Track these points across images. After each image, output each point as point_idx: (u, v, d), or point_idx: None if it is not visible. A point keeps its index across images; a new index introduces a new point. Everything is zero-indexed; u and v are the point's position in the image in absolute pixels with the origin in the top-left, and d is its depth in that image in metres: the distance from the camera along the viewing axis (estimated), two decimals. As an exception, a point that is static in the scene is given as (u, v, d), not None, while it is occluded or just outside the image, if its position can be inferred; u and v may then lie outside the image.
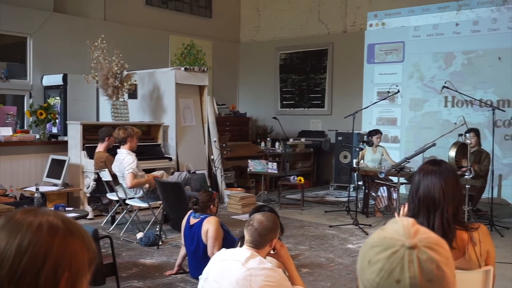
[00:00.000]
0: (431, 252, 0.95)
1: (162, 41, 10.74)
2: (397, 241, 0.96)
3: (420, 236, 0.97)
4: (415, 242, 0.95)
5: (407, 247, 0.95)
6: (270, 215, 2.99)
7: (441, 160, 2.44)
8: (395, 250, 0.95)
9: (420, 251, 0.95)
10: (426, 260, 0.94)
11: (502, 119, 8.62)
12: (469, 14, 9.13)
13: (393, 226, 1.00)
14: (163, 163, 7.84)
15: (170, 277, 4.68)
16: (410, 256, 0.94)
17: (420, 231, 0.99)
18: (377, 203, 7.62)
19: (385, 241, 0.97)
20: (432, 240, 0.98)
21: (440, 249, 0.97)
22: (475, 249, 2.28)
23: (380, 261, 0.96)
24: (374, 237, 1.01)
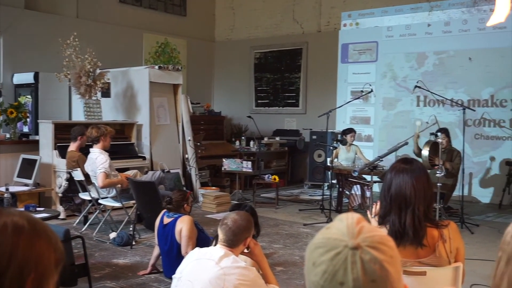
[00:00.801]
0: (375, 252, 0.93)
1: (136, 39, 10.64)
2: (341, 242, 0.94)
3: (363, 235, 0.94)
4: (358, 242, 0.93)
5: (350, 248, 0.92)
6: (245, 214, 2.99)
7: (412, 158, 2.47)
8: (338, 251, 0.93)
9: (363, 252, 0.92)
10: (369, 261, 0.92)
11: (472, 119, 8.78)
12: (441, 15, 9.27)
13: (337, 225, 0.98)
14: (137, 162, 7.77)
15: (144, 277, 4.64)
16: (353, 257, 0.92)
17: (364, 230, 0.96)
18: (351, 201, 7.68)
19: (329, 242, 0.95)
20: (376, 239, 0.95)
21: (384, 248, 0.94)
22: (445, 246, 2.32)
23: (324, 263, 0.93)
24: (319, 237, 0.98)
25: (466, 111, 7.15)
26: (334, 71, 10.55)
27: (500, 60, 8.62)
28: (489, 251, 5.53)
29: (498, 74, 8.65)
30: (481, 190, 8.76)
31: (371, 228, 0.97)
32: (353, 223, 0.97)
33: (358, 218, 0.98)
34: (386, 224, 2.35)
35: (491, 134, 8.74)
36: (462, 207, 6.94)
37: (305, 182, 10.36)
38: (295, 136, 10.83)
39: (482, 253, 5.47)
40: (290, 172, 11.05)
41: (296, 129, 11.06)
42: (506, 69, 8.56)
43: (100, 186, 5.92)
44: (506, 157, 8.43)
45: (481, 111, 8.72)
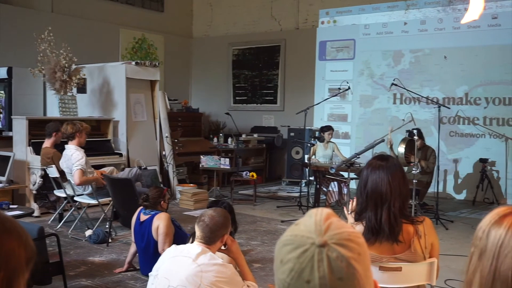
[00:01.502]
0: (342, 249, 0.91)
1: (112, 34, 10.52)
2: (308, 239, 0.92)
3: (331, 232, 0.92)
4: (325, 240, 0.91)
5: (317, 246, 0.90)
6: (222, 211, 2.99)
7: (388, 155, 2.50)
8: (305, 248, 0.91)
9: (330, 249, 0.90)
10: (336, 258, 0.90)
11: (447, 116, 8.91)
12: (417, 13, 9.38)
13: (305, 222, 0.96)
14: (113, 159, 7.69)
15: (120, 275, 4.60)
16: (320, 255, 0.90)
17: (331, 226, 0.93)
18: (328, 198, 7.72)
19: (296, 239, 0.93)
20: (343, 236, 0.93)
21: (351, 245, 0.92)
22: (420, 241, 2.34)
23: (290, 261, 0.91)
24: (287, 234, 0.96)
25: (441, 108, 7.25)
26: (312, 68, 10.59)
27: (474, 58, 8.75)
28: (463, 246, 5.62)
29: (472, 72, 8.79)
30: (456, 187, 8.90)
31: (339, 225, 0.95)
32: (321, 219, 0.95)
33: (327, 214, 0.96)
34: (363, 221, 2.37)
35: (466, 131, 8.88)
36: (437, 204, 7.04)
37: (283, 179, 10.39)
38: (273, 133, 10.84)
39: (456, 248, 5.56)
40: (268, 169, 11.06)
41: (274, 126, 11.08)
42: (480, 67, 8.70)
43: (76, 184, 5.84)
44: (479, 154, 8.57)
45: (455, 109, 8.85)
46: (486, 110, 8.67)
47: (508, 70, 8.45)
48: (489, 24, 8.61)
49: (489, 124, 8.65)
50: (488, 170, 8.39)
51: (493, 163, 8.51)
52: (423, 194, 7.51)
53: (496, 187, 8.36)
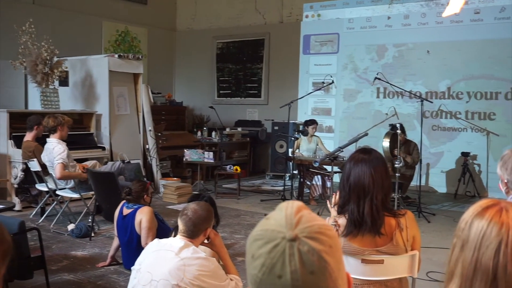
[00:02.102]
0: (313, 243, 0.90)
1: (95, 27, 10.40)
2: (279, 234, 0.90)
3: (301, 226, 0.91)
4: (296, 234, 0.90)
5: (288, 240, 0.89)
6: (205, 204, 2.97)
7: (371, 148, 2.50)
8: (276, 243, 0.90)
9: (301, 243, 0.89)
10: (307, 252, 0.89)
11: (430, 110, 8.98)
12: (400, 8, 9.42)
13: (276, 216, 0.95)
14: (96, 153, 7.62)
15: (103, 269, 4.57)
16: (291, 249, 0.89)
17: (302, 220, 0.92)
18: (312, 191, 7.76)
19: (267, 233, 0.92)
20: (314, 229, 0.92)
21: (322, 238, 0.91)
22: (402, 234, 2.36)
23: (262, 256, 0.90)
24: (258, 228, 0.95)
25: (424, 103, 7.30)
26: (296, 62, 10.59)
27: (457, 53, 8.82)
28: (445, 239, 5.68)
29: (454, 67, 8.86)
30: (438, 180, 8.98)
31: (310, 218, 0.94)
32: (292, 213, 0.93)
33: (298, 207, 0.95)
34: (345, 213, 2.38)
35: (448, 125, 8.96)
36: (419, 197, 7.10)
37: (267, 172, 10.40)
38: (257, 126, 10.84)
39: (438, 241, 5.62)
40: (252, 163, 11.06)
41: (258, 120, 11.07)
42: (462, 62, 8.78)
43: (57, 178, 5.78)
44: (461, 148, 8.66)
45: (438, 103, 8.92)
46: (468, 104, 8.75)
47: (490, 64, 8.54)
48: (471, 19, 8.69)
49: (471, 118, 8.73)
50: (470, 164, 8.49)
51: (474, 156, 8.60)
52: (406, 188, 7.58)
53: (477, 181, 8.46)
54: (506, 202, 1.18)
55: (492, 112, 8.55)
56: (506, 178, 2.45)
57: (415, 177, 7.63)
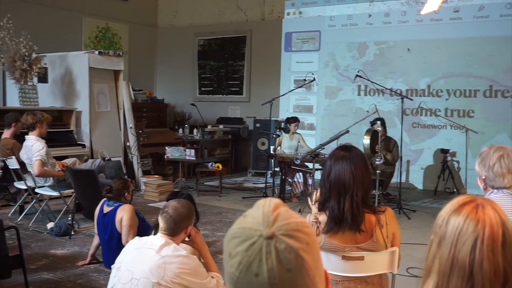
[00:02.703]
0: (290, 240, 0.90)
1: (75, 23, 10.28)
2: (256, 232, 0.90)
3: (278, 223, 0.91)
4: (273, 231, 0.89)
5: (265, 238, 0.89)
6: (186, 202, 2.96)
7: (351, 146, 2.52)
8: (253, 241, 0.89)
9: (278, 241, 0.89)
10: (284, 250, 0.89)
11: (410, 108, 9.05)
12: (381, 6, 9.48)
13: (253, 213, 0.94)
14: (76, 150, 7.55)
15: (83, 268, 4.53)
16: (268, 247, 0.88)
17: (279, 217, 0.92)
18: (294, 188, 7.78)
19: (244, 231, 0.91)
20: (291, 227, 0.92)
21: (299, 235, 0.91)
22: (382, 231, 2.38)
23: (239, 254, 0.90)
24: (235, 226, 0.94)
25: (404, 100, 7.36)
26: (278, 59, 10.60)
27: (437, 51, 8.91)
28: (425, 235, 5.73)
29: (434, 64, 8.95)
30: (418, 177, 9.08)
31: (287, 215, 0.94)
32: (269, 210, 0.93)
33: (275, 205, 0.95)
34: (326, 210, 2.39)
35: (428, 123, 9.05)
36: (399, 194, 7.16)
37: (249, 170, 10.40)
38: (238, 124, 10.83)
39: (418, 237, 5.68)
40: (233, 160, 11.05)
41: (240, 117, 11.06)
42: (442, 60, 8.87)
43: (35, 175, 5.71)
44: (441, 145, 8.76)
45: (418, 101, 9.00)
46: (448, 102, 8.85)
47: (469, 62, 8.64)
48: (451, 17, 8.78)
49: (450, 115, 8.83)
50: (449, 161, 8.59)
51: (454, 153, 8.71)
52: (386, 184, 7.64)
53: (456, 177, 8.57)
54: (482, 198, 1.20)
55: (471, 109, 8.66)
56: (484, 174, 2.49)
57: (395, 174, 7.70)
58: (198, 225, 5.80)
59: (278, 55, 10.59)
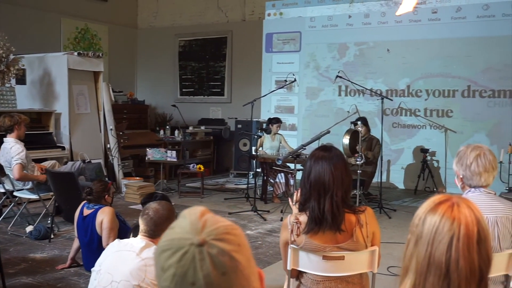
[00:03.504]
0: (221, 244, 0.91)
1: (53, 24, 10.17)
2: (186, 241, 0.90)
3: (207, 229, 0.92)
4: (203, 238, 0.90)
5: (196, 245, 0.89)
6: (166, 204, 2.95)
7: (331, 146, 2.53)
8: (185, 251, 0.89)
9: (209, 246, 0.90)
10: (217, 254, 0.90)
11: (390, 108, 9.14)
12: (361, 7, 9.55)
13: (180, 223, 0.94)
14: (56, 153, 7.46)
15: (63, 271, 4.48)
16: (201, 254, 0.89)
17: (207, 223, 0.93)
18: (275, 189, 7.80)
19: (174, 243, 0.91)
20: (221, 231, 0.93)
21: (230, 238, 0.93)
22: (362, 230, 2.39)
23: (172, 266, 0.90)
24: (164, 239, 0.94)
25: (384, 100, 7.43)
26: (259, 60, 10.61)
27: (416, 52, 9.01)
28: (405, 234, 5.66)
29: (413, 65, 9.04)
30: (398, 177, 9.16)
31: (215, 220, 0.95)
32: (196, 218, 0.94)
33: (201, 212, 0.96)
34: (306, 211, 2.40)
35: (408, 123, 9.14)
36: (380, 193, 7.22)
37: (231, 171, 10.39)
38: (220, 125, 10.81)
39: (398, 236, 5.72)
40: (215, 161, 11.03)
41: (222, 118, 11.05)
42: (421, 60, 8.97)
43: (16, 179, 5.63)
44: (421, 144, 8.85)
45: (398, 101, 9.08)
46: (427, 102, 8.95)
47: (447, 63, 8.75)
48: (429, 18, 8.89)
49: (430, 115, 8.93)
50: (429, 160, 8.69)
51: (433, 153, 8.81)
52: (367, 184, 7.70)
53: (436, 176, 8.66)
54: (457, 197, 1.21)
55: (449, 109, 8.77)
56: (461, 173, 2.52)
57: (376, 173, 7.76)
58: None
59: (259, 56, 10.60)
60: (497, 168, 2.52)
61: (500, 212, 2.44)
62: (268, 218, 6.67)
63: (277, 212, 7.00)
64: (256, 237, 5.83)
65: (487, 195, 2.48)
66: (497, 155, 7.25)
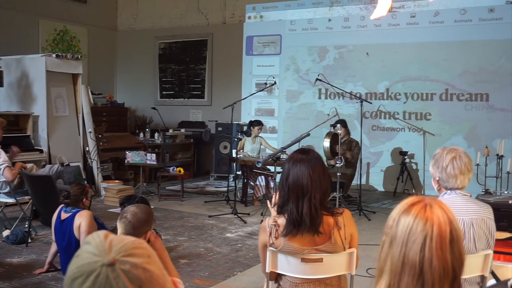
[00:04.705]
0: (132, 259, 0.93)
1: (31, 25, 10.05)
2: (96, 263, 0.91)
3: (115, 248, 0.94)
4: (113, 257, 0.92)
5: (107, 265, 0.91)
6: (145, 207, 2.93)
7: (309, 149, 2.54)
8: (97, 273, 0.90)
9: (121, 263, 0.92)
10: (130, 269, 0.92)
11: (369, 111, 9.21)
12: (341, 10, 9.62)
13: (86, 249, 0.95)
14: (33, 156, 7.38)
15: (40, 276, 4.43)
16: (114, 273, 0.90)
17: (113, 242, 0.95)
18: (256, 192, 7.80)
19: (84, 268, 0.92)
20: (129, 246, 0.95)
21: (139, 251, 0.95)
22: (340, 232, 2.40)
23: None
24: (72, 268, 0.94)
25: (363, 103, 7.49)
26: (239, 63, 10.62)
27: (394, 55, 9.10)
28: (384, 236, 5.82)
29: (392, 68, 9.13)
30: (378, 179, 9.23)
31: (120, 239, 0.97)
32: (101, 240, 0.96)
33: (104, 234, 0.98)
34: (285, 213, 2.40)
35: (387, 125, 9.22)
36: (360, 196, 7.27)
37: (211, 173, 10.36)
38: (200, 127, 10.79)
39: (378, 238, 5.74)
40: (195, 164, 11.00)
41: (202, 121, 11.02)
42: (399, 64, 9.06)
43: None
44: (400, 147, 8.94)
45: (377, 104, 9.17)
46: (406, 105, 9.04)
47: (425, 66, 8.86)
48: (407, 22, 8.99)
49: (408, 118, 9.03)
50: (408, 163, 8.77)
51: (412, 155, 8.90)
52: (347, 187, 7.75)
53: (415, 179, 8.75)
54: (430, 198, 1.23)
55: (428, 112, 8.87)
56: (437, 176, 2.56)
57: (356, 176, 7.82)
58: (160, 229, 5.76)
59: (240, 59, 10.61)
60: (472, 171, 2.55)
61: (476, 214, 2.48)
62: (248, 221, 6.68)
63: (257, 214, 7.01)
64: (236, 240, 5.82)
65: (463, 197, 2.51)
66: (474, 158, 7.36)
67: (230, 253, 5.27)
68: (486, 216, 2.50)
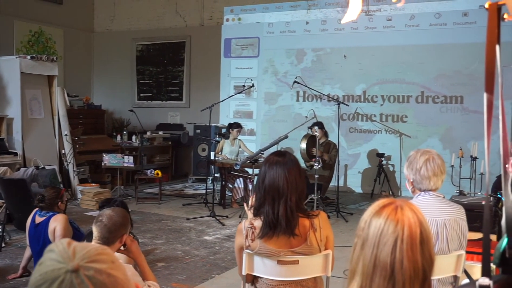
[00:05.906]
0: (95, 265, 0.94)
1: (6, 27, 9.90)
2: (60, 270, 0.92)
3: (78, 254, 0.94)
4: (77, 263, 0.92)
5: (71, 271, 0.91)
6: (121, 210, 2.90)
7: (285, 151, 2.55)
8: (61, 279, 0.91)
9: (85, 269, 0.92)
10: (94, 275, 0.92)
11: (347, 113, 9.28)
12: (318, 13, 9.68)
13: (49, 257, 0.95)
14: (7, 159, 7.26)
15: (14, 281, 4.36)
16: (78, 279, 0.91)
17: (77, 249, 0.96)
18: (234, 194, 7.80)
19: (47, 275, 0.92)
20: (92, 253, 0.96)
21: (102, 257, 0.96)
22: (316, 234, 2.41)
23: None
24: (35, 276, 0.94)
25: (341, 106, 7.54)
26: (217, 65, 10.61)
27: (371, 58, 9.19)
28: (361, 237, 5.86)
29: (369, 71, 9.22)
30: (355, 181, 9.30)
31: (83, 245, 0.98)
32: (64, 247, 0.96)
33: (67, 242, 0.98)
34: (261, 216, 2.41)
35: (364, 127, 9.30)
36: (337, 197, 7.32)
37: (190, 176, 10.33)
38: (178, 130, 10.74)
39: (354, 239, 5.80)
40: (174, 167, 10.94)
41: (180, 123, 10.98)
42: (376, 66, 9.15)
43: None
44: (376, 149, 9.02)
45: (354, 106, 9.24)
46: (382, 107, 9.14)
47: (402, 69, 8.96)
48: (384, 25, 9.09)
49: (385, 120, 9.12)
50: (385, 164, 8.86)
51: (389, 157, 8.99)
52: (325, 189, 7.79)
53: (392, 180, 8.84)
54: (401, 200, 1.25)
55: (404, 114, 8.98)
56: (411, 177, 2.59)
57: (333, 178, 7.86)
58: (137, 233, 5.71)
59: (218, 61, 10.60)
60: (445, 172, 2.59)
61: (448, 215, 2.51)
62: (227, 223, 6.67)
63: (236, 217, 7.00)
64: (214, 242, 5.81)
65: (436, 199, 2.55)
66: (449, 159, 7.47)
67: (208, 256, 5.26)
68: (459, 217, 2.54)
